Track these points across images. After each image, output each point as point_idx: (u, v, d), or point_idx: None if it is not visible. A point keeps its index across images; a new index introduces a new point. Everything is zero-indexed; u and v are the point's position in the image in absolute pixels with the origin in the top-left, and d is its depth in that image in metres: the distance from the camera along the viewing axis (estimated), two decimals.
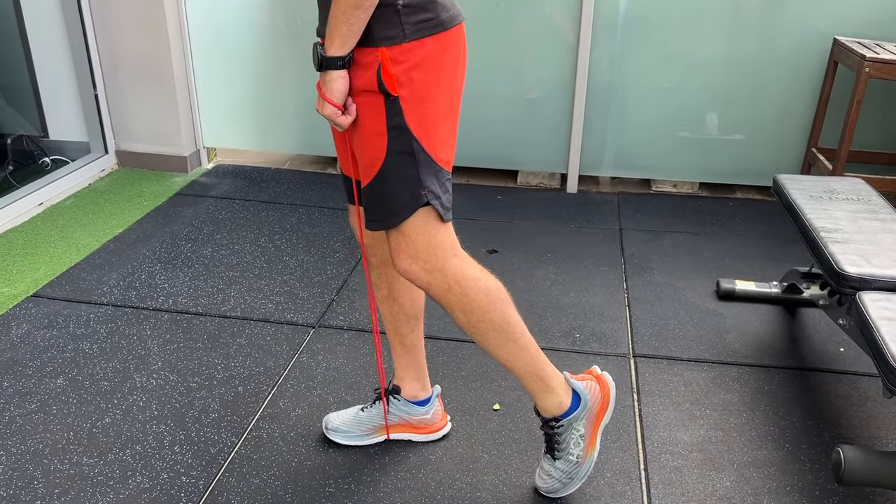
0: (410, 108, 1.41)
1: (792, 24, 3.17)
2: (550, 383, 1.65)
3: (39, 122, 3.62)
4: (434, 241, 1.51)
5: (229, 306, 2.51)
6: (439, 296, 1.55)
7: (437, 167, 1.48)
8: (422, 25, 1.38)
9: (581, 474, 1.72)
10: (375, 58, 1.38)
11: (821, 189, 2.27)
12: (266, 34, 3.49)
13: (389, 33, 1.37)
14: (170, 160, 3.63)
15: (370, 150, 1.45)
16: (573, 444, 1.69)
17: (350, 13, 1.33)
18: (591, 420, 1.70)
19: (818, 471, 1.85)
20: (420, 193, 1.47)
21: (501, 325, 1.57)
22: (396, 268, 1.54)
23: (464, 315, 1.56)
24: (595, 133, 3.46)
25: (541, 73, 3.37)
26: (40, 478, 1.79)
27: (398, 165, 1.45)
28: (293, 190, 3.48)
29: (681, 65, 3.31)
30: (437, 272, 1.53)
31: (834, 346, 2.35)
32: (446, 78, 1.44)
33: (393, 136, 1.42)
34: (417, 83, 1.40)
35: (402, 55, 1.38)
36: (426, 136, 1.44)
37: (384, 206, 1.48)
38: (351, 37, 1.36)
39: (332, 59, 1.38)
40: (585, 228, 3.14)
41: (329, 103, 1.41)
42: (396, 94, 1.39)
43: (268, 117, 3.66)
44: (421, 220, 1.49)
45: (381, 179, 1.46)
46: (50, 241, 2.94)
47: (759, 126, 3.36)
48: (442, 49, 1.41)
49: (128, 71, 3.49)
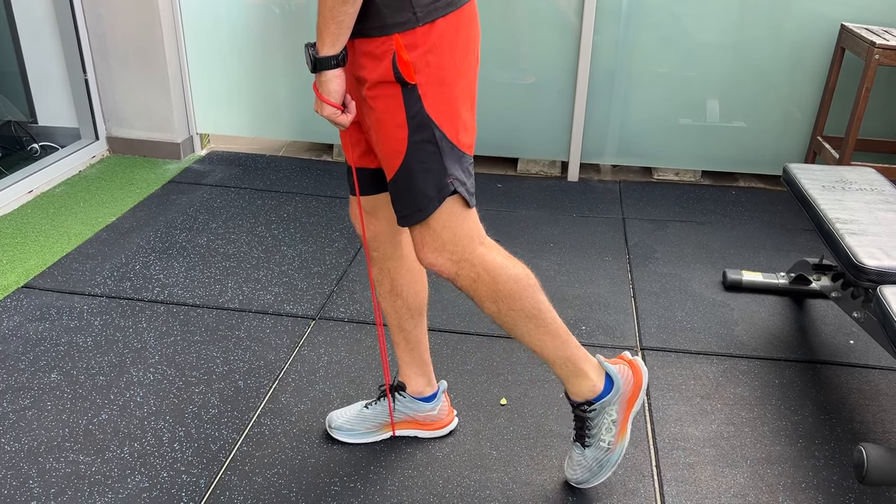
0: (429, 94, 1.35)
1: (798, 9, 3.12)
2: (583, 367, 1.61)
3: (28, 107, 3.53)
4: (460, 231, 1.47)
5: (227, 298, 2.45)
6: (468, 286, 1.51)
7: (460, 153, 1.43)
8: (434, 7, 1.32)
9: (612, 462, 1.68)
10: (389, 47, 1.32)
11: (833, 179, 2.22)
12: (261, 18, 3.41)
13: (401, 19, 1.31)
14: (162, 147, 3.55)
15: (391, 143, 1.40)
16: (605, 430, 1.65)
17: (338, 9, 1.27)
18: (623, 405, 1.66)
19: (833, 467, 1.82)
20: (446, 182, 1.42)
21: (532, 312, 1.53)
22: (422, 261, 1.50)
23: (494, 304, 1.52)
24: (597, 120, 3.40)
25: (542, 58, 3.31)
26: (35, 477, 1.73)
27: (421, 156, 1.39)
28: (289, 178, 3.41)
29: (684, 51, 3.25)
30: (465, 262, 1.49)
31: (843, 338, 2.32)
32: (463, 58, 1.38)
33: (413, 126, 1.37)
34: (434, 67, 1.34)
35: (416, 40, 1.32)
36: (447, 122, 1.39)
37: (412, 199, 1.43)
38: (341, 34, 1.30)
39: (326, 60, 1.33)
40: (588, 218, 3.09)
41: (327, 104, 1.36)
42: (414, 82, 1.33)
43: (262, 103, 3.58)
44: (446, 212, 1.44)
45: (405, 172, 1.41)
46: (41, 229, 2.86)
47: (763, 114, 3.31)
48: (456, 29, 1.35)
49: (118, 54, 3.40)
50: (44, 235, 2.82)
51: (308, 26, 3.39)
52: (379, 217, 1.64)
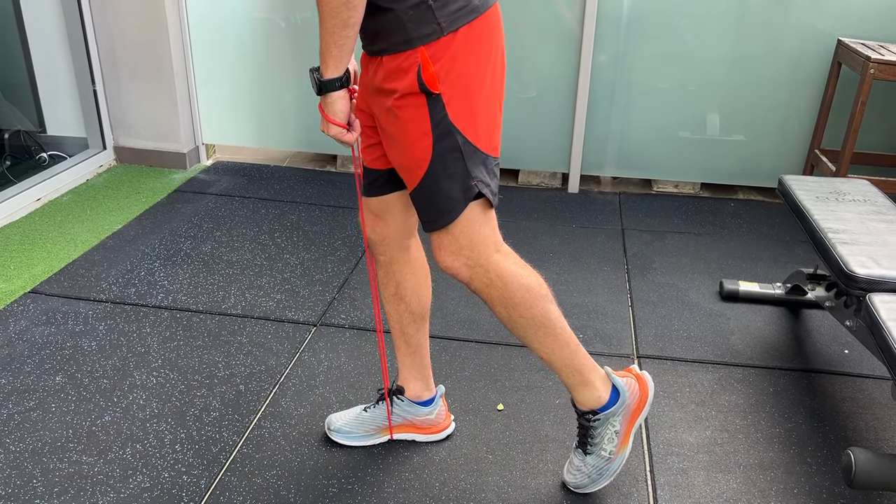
0: (453, 102, 1.39)
1: (795, 24, 3.16)
2: (589, 377, 1.65)
3: (37, 117, 3.59)
4: (477, 237, 1.51)
5: (229, 304, 2.49)
6: (481, 290, 1.56)
7: (484, 155, 1.46)
8: (457, 15, 1.35)
9: (611, 471, 1.71)
10: (415, 59, 1.36)
11: (827, 190, 2.25)
12: (266, 32, 3.47)
13: (426, 31, 1.35)
14: (168, 156, 3.60)
15: (415, 152, 1.43)
16: (607, 440, 1.68)
17: (338, 33, 1.33)
18: (627, 417, 1.69)
19: (825, 473, 1.84)
20: (470, 185, 1.46)
21: (542, 321, 1.57)
22: (439, 264, 1.54)
23: (505, 310, 1.56)
24: (597, 133, 3.44)
25: (543, 72, 3.36)
26: (39, 476, 1.76)
27: (446, 162, 1.43)
28: (293, 187, 3.46)
29: (684, 65, 3.29)
30: (479, 268, 1.53)
31: (838, 347, 2.34)
32: (486, 63, 1.41)
33: (438, 134, 1.40)
34: (457, 75, 1.37)
35: (441, 50, 1.35)
36: (471, 128, 1.42)
37: (437, 205, 1.47)
38: (343, 57, 1.36)
39: (330, 82, 1.39)
40: (587, 228, 3.13)
41: (333, 124, 1.43)
42: (438, 92, 1.37)
43: (267, 114, 3.64)
44: (465, 218, 1.49)
45: (430, 179, 1.45)
46: (48, 236, 2.91)
47: (761, 127, 3.35)
48: (479, 35, 1.39)
49: (127, 66, 3.46)
50: (51, 242, 2.86)
51: (312, 40, 3.45)
52: (388, 221, 1.68)
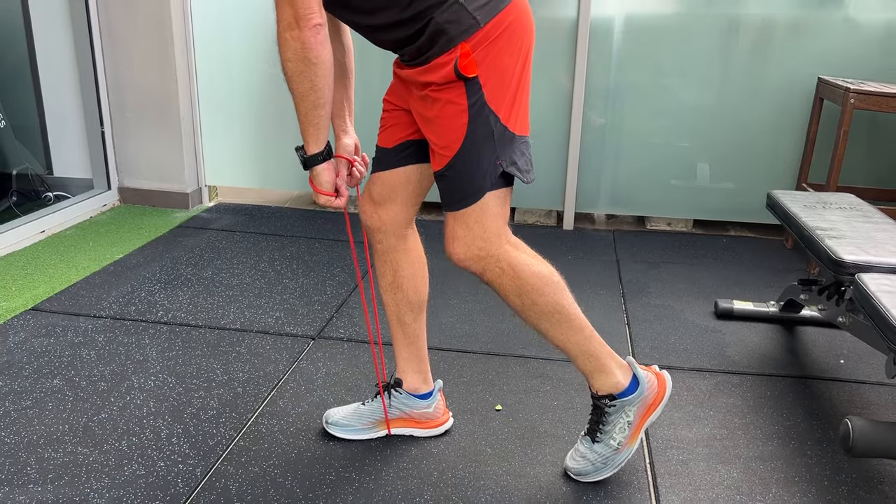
0: (489, 84, 1.46)
1: (777, 68, 3.31)
2: (606, 363, 1.67)
3: (45, 159, 3.68)
4: (490, 228, 1.56)
5: (229, 320, 2.50)
6: (493, 280, 1.59)
7: (512, 135, 1.52)
8: (490, 7, 1.44)
9: (617, 462, 1.70)
10: (454, 54, 1.44)
11: (813, 201, 2.32)
12: (270, 82, 3.61)
13: (464, 27, 1.43)
14: (171, 197, 3.68)
15: (451, 132, 1.49)
16: (618, 429, 1.69)
17: (311, 114, 1.45)
18: (642, 410, 1.70)
19: (825, 465, 1.83)
20: (495, 165, 1.51)
21: (554, 307, 1.60)
22: (452, 257, 1.59)
23: (518, 298, 1.60)
24: (590, 172, 3.54)
25: (537, 116, 3.48)
26: (33, 464, 1.74)
27: (477, 142, 1.49)
28: (293, 224, 3.52)
29: (672, 114, 3.42)
30: (491, 258, 1.57)
31: (834, 358, 2.35)
32: (521, 48, 1.49)
33: (473, 113, 1.47)
34: (493, 58, 1.45)
35: (480, 41, 1.43)
36: (505, 109, 1.49)
37: (464, 185, 1.52)
38: (321, 133, 1.48)
39: (314, 157, 1.51)
40: (583, 259, 3.17)
41: (322, 194, 1.54)
42: (475, 74, 1.45)
43: (270, 157, 3.74)
44: (483, 206, 1.54)
45: (460, 157, 1.50)
46: (50, 262, 2.94)
47: (749, 168, 3.45)
48: (512, 21, 1.47)
49: (135, 109, 3.58)
50: (53, 268, 2.90)
51: None
52: (387, 208, 1.73)
